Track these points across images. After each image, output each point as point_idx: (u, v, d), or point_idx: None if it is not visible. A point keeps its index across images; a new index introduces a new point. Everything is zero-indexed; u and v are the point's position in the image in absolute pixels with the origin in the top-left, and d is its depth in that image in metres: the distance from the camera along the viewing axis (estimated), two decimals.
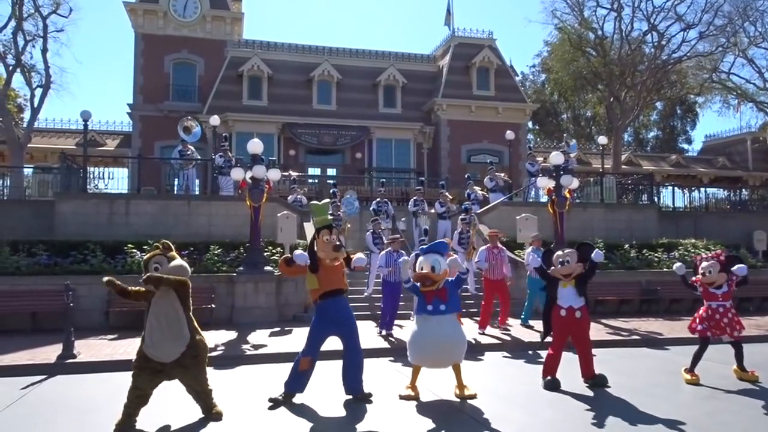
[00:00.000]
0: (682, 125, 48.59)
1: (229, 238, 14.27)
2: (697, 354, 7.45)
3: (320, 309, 6.40)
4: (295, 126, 26.96)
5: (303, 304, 13.00)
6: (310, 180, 25.94)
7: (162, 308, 5.51)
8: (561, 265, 7.01)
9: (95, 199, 15.59)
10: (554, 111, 46.73)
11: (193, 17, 28.09)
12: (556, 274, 7.08)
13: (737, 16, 28.40)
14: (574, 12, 29.72)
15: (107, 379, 7.79)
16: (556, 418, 5.88)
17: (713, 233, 18.95)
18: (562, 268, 7.00)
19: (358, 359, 6.52)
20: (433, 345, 6.30)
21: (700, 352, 7.44)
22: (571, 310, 6.98)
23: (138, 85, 27.45)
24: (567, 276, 7.01)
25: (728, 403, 6.44)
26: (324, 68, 28.15)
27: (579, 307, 7.00)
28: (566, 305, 7.00)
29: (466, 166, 27.58)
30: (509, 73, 30.65)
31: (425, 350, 6.36)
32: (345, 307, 6.50)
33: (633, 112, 30.35)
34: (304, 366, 6.35)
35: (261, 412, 6.15)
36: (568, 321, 7.01)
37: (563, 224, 13.17)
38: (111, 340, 10.25)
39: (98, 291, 11.80)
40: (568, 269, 6.99)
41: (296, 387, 6.41)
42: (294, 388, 6.40)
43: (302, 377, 6.40)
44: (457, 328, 6.52)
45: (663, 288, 14.27)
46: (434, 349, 6.33)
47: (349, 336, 6.48)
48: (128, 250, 12.82)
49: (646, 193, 21.14)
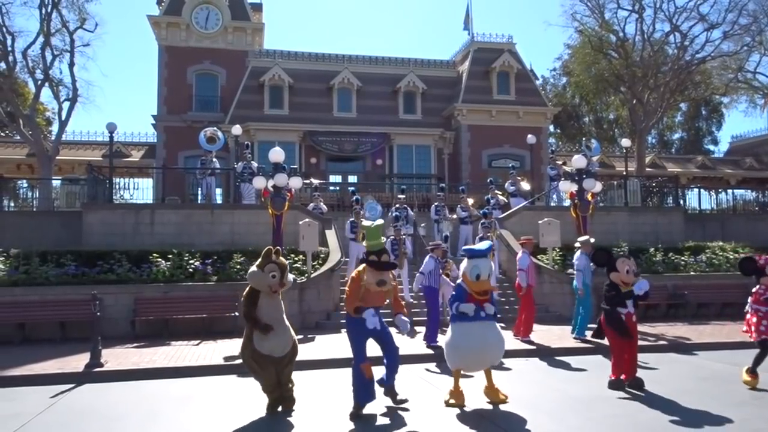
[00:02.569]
0: (708, 126, 47.73)
1: (252, 246, 14.35)
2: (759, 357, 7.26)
3: (352, 319, 6.28)
4: (316, 134, 27.10)
5: (326, 311, 13.04)
6: (331, 187, 26.03)
7: (273, 310, 6.23)
8: (633, 275, 7.16)
9: (121, 210, 15.84)
10: (576, 114, 46.26)
11: (214, 29, 28.47)
12: (618, 279, 7.15)
13: (762, 15, 27.91)
14: (594, 14, 29.47)
15: (134, 387, 7.89)
16: (583, 425, 5.80)
17: (741, 236, 18.56)
18: (628, 277, 7.13)
19: (396, 360, 6.59)
20: (479, 351, 6.38)
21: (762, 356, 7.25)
22: (630, 315, 7.22)
23: (162, 96, 27.87)
24: (627, 284, 7.14)
25: (763, 409, 6.28)
26: (344, 76, 28.30)
27: (634, 312, 7.27)
28: (626, 311, 7.20)
29: (487, 171, 27.44)
30: (529, 77, 30.48)
31: (470, 355, 6.41)
32: (376, 315, 6.25)
33: (656, 114, 29.94)
34: (369, 372, 6.21)
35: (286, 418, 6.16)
36: (628, 325, 7.19)
37: (586, 228, 13.01)
38: (137, 348, 10.38)
39: (125, 300, 12.00)
40: (631, 278, 7.15)
41: (367, 396, 6.24)
42: (365, 398, 6.24)
43: (370, 385, 6.26)
44: (498, 332, 6.56)
45: (690, 292, 14.02)
46: (479, 355, 6.42)
47: (386, 339, 6.48)
48: (153, 259, 12.98)
49: (672, 196, 20.77)
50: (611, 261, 7.29)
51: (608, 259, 7.35)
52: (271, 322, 6.13)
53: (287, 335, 6.29)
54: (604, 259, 7.42)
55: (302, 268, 13.60)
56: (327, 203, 19.47)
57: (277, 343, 6.16)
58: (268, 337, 6.10)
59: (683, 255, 15.69)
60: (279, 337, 6.17)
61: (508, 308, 13.40)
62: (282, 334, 6.21)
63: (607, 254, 7.52)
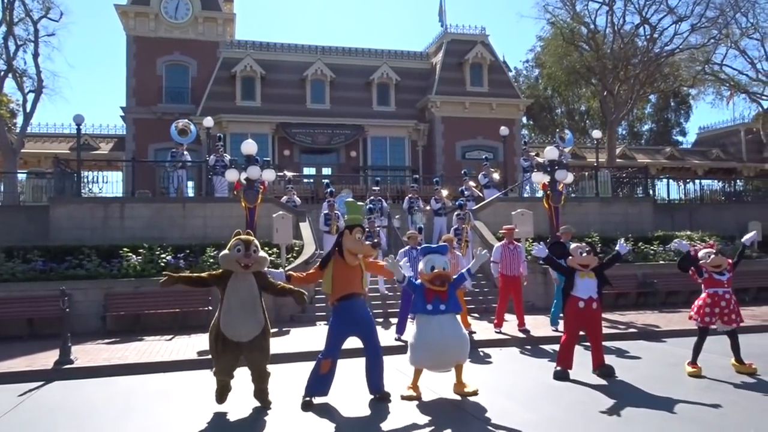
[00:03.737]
0: (676, 118, 48.66)
1: (225, 240, 14.10)
2: (697, 345, 7.46)
3: (338, 310, 6.31)
4: (289, 126, 26.92)
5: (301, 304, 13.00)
6: (305, 180, 25.91)
7: (241, 291, 5.93)
8: (582, 254, 7.13)
9: (90, 204, 15.53)
10: (548, 106, 46.70)
11: (184, 19, 28.01)
12: (575, 264, 7.14)
13: (729, 8, 28.48)
14: (566, 6, 29.74)
15: (106, 384, 7.77)
16: (556, 413, 5.89)
17: (708, 225, 19.00)
18: (584, 258, 7.10)
19: (380, 358, 6.47)
20: (437, 347, 6.16)
21: (700, 343, 7.45)
22: (590, 301, 7.11)
23: (131, 87, 27.37)
24: (586, 266, 7.11)
25: (728, 394, 6.45)
26: (317, 67, 28.11)
27: (597, 298, 7.15)
28: (586, 296, 7.11)
29: (460, 162, 27.58)
30: (502, 69, 30.66)
31: (428, 352, 6.21)
32: (362, 307, 6.39)
33: (627, 106, 30.40)
34: (325, 369, 6.21)
35: (259, 412, 6.13)
36: (586, 312, 7.12)
37: (559, 219, 13.17)
38: (108, 344, 10.21)
39: (95, 295, 11.79)
40: (589, 259, 7.10)
41: (318, 390, 6.26)
42: (315, 391, 6.26)
43: (324, 380, 6.25)
44: (459, 328, 6.37)
45: (659, 281, 14.32)
46: (438, 351, 6.19)
47: (368, 336, 6.39)
48: (124, 254, 12.79)
49: (641, 186, 21.15)
50: (566, 252, 7.33)
51: (563, 249, 7.39)
52: (239, 304, 5.87)
53: (255, 321, 5.94)
54: (560, 251, 7.42)
55: (276, 261, 13.51)
56: (301, 196, 19.39)
57: (242, 328, 5.88)
58: (235, 319, 5.85)
59: (652, 244, 16.01)
60: (245, 322, 5.88)
61: (482, 299, 13.54)
62: (249, 319, 5.89)
63: (561, 245, 7.58)
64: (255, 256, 5.99)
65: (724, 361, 7.69)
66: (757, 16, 29.19)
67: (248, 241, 6.06)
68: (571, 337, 7.30)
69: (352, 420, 5.90)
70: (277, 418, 5.97)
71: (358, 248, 6.22)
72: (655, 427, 5.39)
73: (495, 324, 10.81)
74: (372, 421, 5.81)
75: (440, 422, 5.69)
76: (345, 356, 7.19)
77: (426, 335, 6.20)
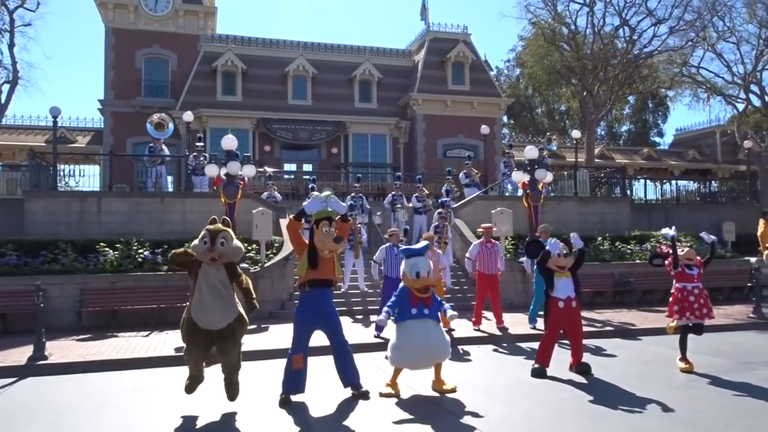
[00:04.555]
0: (654, 119, 49.34)
1: None
2: (681, 341, 7.57)
3: (304, 299, 6.30)
4: (270, 121, 26.76)
5: (280, 301, 12.97)
6: (286, 176, 25.78)
7: (212, 280, 5.77)
8: (562, 257, 7.16)
9: (66, 198, 15.28)
10: (529, 105, 47.05)
11: (164, 12, 27.66)
12: (555, 265, 7.20)
13: (706, 11, 28.88)
14: (547, 7, 29.94)
15: (81, 380, 7.67)
16: (534, 410, 5.94)
17: (684, 225, 19.23)
18: (560, 260, 7.16)
19: (347, 350, 6.47)
20: (422, 349, 6.24)
21: (683, 339, 7.57)
22: (569, 301, 7.20)
23: (109, 80, 26.97)
24: (564, 267, 7.17)
25: (701, 391, 6.57)
26: (299, 63, 27.97)
27: (575, 297, 7.24)
28: (565, 296, 7.20)
29: (442, 160, 27.68)
30: (484, 68, 30.81)
31: (411, 355, 6.28)
32: (329, 300, 6.40)
33: (606, 106, 30.72)
34: (298, 364, 6.18)
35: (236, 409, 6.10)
36: (567, 312, 7.21)
37: (538, 218, 13.28)
38: (84, 341, 10.07)
39: (70, 291, 11.61)
40: (566, 261, 7.18)
41: (294, 387, 6.22)
42: (292, 388, 6.21)
43: (299, 376, 6.23)
44: (442, 333, 6.45)
45: (636, 279, 14.51)
46: (422, 353, 6.28)
47: (333, 330, 6.39)
48: (100, 249, 12.61)
49: (619, 186, 21.41)
50: (543, 249, 7.37)
51: (539, 250, 7.41)
52: (209, 292, 5.71)
53: (226, 309, 5.78)
54: (536, 250, 7.47)
55: (256, 257, 13.45)
56: (281, 192, 19.29)
57: (213, 316, 5.71)
58: (207, 307, 5.69)
59: (629, 243, 16.22)
60: (216, 310, 5.71)
61: (461, 296, 13.60)
62: (219, 307, 5.72)
63: (538, 245, 7.60)
64: (220, 249, 5.75)
65: (700, 359, 7.82)
66: (733, 20, 29.72)
67: (215, 232, 5.82)
68: (552, 337, 7.40)
69: (329, 417, 5.89)
70: (253, 415, 5.94)
71: (324, 245, 6.14)
72: (631, 423, 5.47)
73: (473, 322, 10.87)
74: (349, 419, 5.80)
75: (418, 419, 5.70)
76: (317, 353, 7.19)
77: (411, 339, 6.22)
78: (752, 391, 6.51)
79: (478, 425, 5.47)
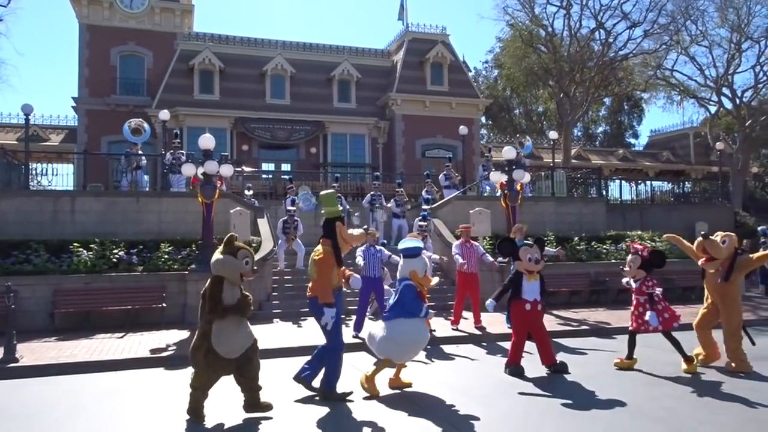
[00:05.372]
0: (629, 120, 50.04)
1: (181, 236, 13.96)
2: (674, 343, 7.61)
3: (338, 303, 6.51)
4: (248, 121, 26.57)
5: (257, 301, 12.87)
6: (264, 176, 25.63)
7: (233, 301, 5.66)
8: (534, 262, 7.28)
9: (38, 197, 14.99)
10: (507, 106, 47.40)
11: (140, 9, 27.30)
12: (522, 268, 7.28)
13: (679, 15, 29.39)
14: (525, 9, 30.20)
15: (53, 383, 7.53)
16: (510, 408, 5.99)
17: (658, 225, 19.62)
18: (532, 265, 7.27)
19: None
20: (419, 344, 6.64)
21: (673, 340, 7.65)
22: (535, 303, 7.34)
23: (83, 77, 26.54)
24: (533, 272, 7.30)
25: (674, 389, 6.69)
26: (277, 62, 27.82)
27: (540, 300, 7.39)
28: (532, 299, 7.33)
29: (420, 161, 27.76)
30: (462, 69, 30.95)
31: (410, 348, 6.58)
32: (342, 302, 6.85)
33: (582, 108, 31.10)
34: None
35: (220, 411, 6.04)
36: (533, 314, 7.33)
37: (515, 218, 13.39)
38: (56, 342, 9.89)
39: (42, 291, 11.41)
40: (541, 266, 7.33)
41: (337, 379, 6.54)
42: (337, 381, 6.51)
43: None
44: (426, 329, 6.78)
45: (611, 279, 14.68)
46: (416, 348, 6.68)
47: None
48: (74, 249, 12.40)
49: (595, 187, 21.70)
50: (515, 250, 7.44)
51: (512, 249, 7.49)
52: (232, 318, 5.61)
53: (245, 333, 5.72)
54: (508, 249, 7.55)
55: None
56: (258, 191, 19.15)
57: (237, 342, 5.61)
58: (228, 335, 5.55)
59: (605, 243, 16.43)
60: (237, 336, 5.61)
61: (440, 296, 13.64)
62: (240, 333, 5.66)
63: (510, 244, 7.67)
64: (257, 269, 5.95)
65: (669, 357, 7.94)
66: (705, 24, 30.27)
67: (251, 253, 5.95)
68: (521, 337, 7.47)
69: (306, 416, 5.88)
70: (234, 418, 5.89)
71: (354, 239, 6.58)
72: (604, 421, 5.54)
73: (452, 322, 10.92)
74: (331, 418, 5.79)
75: (394, 417, 5.71)
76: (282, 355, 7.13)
77: (412, 334, 6.48)
78: (723, 389, 6.65)
79: (455, 424, 5.49)
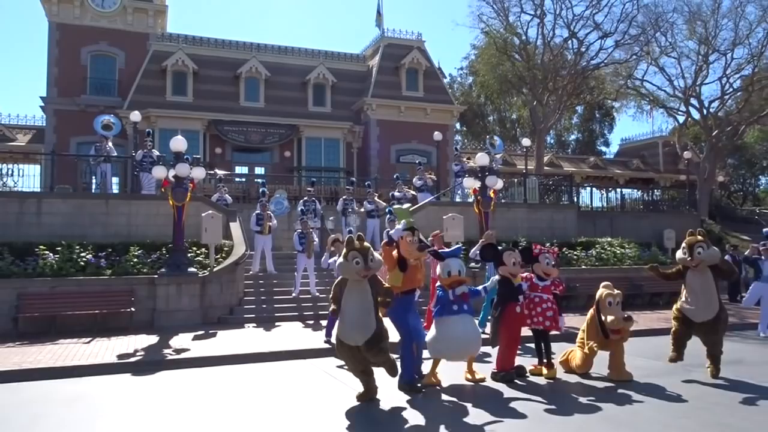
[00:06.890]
0: (601, 129, 50.92)
1: (151, 239, 13.74)
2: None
3: (401, 302, 6.84)
4: (222, 123, 26.34)
5: (229, 306, 12.71)
6: (237, 179, 25.40)
7: (356, 297, 6.21)
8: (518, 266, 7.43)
9: (3, 198, 14.62)
10: (481, 113, 47.84)
11: (112, 8, 26.87)
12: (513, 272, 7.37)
13: (650, 27, 29.99)
14: (499, 17, 30.52)
15: (15, 390, 7.33)
16: (478, 412, 6.03)
17: (628, 232, 19.95)
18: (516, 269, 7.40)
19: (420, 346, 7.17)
20: (461, 342, 6.88)
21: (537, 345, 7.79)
22: (522, 305, 7.52)
23: (52, 77, 26.00)
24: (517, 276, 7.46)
25: (641, 393, 6.77)
26: (252, 65, 27.64)
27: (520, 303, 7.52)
28: (519, 301, 7.47)
29: (395, 165, 27.79)
30: (437, 75, 31.14)
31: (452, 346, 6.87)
32: (414, 302, 7.15)
33: (555, 116, 31.52)
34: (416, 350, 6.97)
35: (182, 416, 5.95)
36: (522, 315, 7.50)
37: (488, 223, 13.49)
38: (20, 347, 9.64)
39: (6, 295, 11.13)
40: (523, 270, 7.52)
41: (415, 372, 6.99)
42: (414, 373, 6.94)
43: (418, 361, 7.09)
44: (476, 326, 7.12)
45: (581, 285, 14.87)
46: (461, 345, 6.93)
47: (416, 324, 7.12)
48: (40, 252, 12.13)
49: (567, 194, 21.98)
50: (498, 255, 7.49)
51: (495, 254, 7.54)
52: (352, 310, 6.18)
53: (366, 325, 6.18)
54: (491, 254, 7.63)
55: (204, 261, 13.19)
56: (232, 194, 18.97)
57: (355, 333, 6.15)
58: (346, 325, 6.19)
59: (576, 250, 16.66)
60: (357, 327, 6.15)
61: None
62: (360, 324, 6.16)
63: (493, 249, 7.72)
64: (372, 265, 6.23)
65: (635, 361, 8.07)
66: (674, 36, 30.95)
67: (365, 251, 6.23)
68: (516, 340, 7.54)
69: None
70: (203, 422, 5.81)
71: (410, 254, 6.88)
72: (573, 425, 5.60)
73: (424, 327, 10.93)
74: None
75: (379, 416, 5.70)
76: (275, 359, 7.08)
77: (451, 331, 6.80)
78: (689, 392, 6.78)
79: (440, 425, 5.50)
